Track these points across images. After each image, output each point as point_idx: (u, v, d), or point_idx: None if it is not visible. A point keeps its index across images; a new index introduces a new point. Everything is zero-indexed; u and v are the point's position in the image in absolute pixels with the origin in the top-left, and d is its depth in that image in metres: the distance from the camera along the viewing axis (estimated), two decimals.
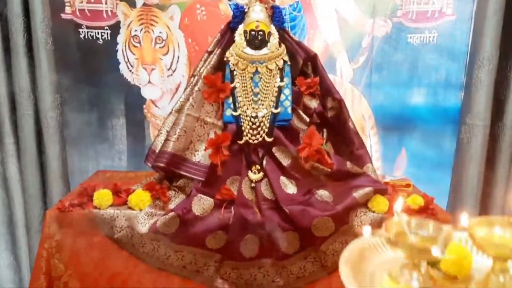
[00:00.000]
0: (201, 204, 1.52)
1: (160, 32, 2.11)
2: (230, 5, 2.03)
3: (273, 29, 1.58)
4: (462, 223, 0.71)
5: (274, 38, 1.57)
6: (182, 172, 1.58)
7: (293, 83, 1.60)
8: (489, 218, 0.72)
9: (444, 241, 0.67)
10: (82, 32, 2.09)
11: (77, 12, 2.08)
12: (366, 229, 0.77)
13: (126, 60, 2.15)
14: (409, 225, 0.73)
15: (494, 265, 0.67)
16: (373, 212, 1.54)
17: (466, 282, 0.70)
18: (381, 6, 2.07)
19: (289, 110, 1.58)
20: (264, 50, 1.57)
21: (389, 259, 0.75)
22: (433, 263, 0.72)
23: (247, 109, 1.57)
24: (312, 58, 1.64)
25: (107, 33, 2.11)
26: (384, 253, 0.78)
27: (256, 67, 1.56)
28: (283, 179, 1.57)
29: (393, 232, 0.71)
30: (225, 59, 1.59)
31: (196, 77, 1.61)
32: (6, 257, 2.18)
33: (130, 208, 1.55)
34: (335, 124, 1.66)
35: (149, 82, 2.17)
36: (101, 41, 2.12)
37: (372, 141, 2.24)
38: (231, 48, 1.59)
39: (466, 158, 1.95)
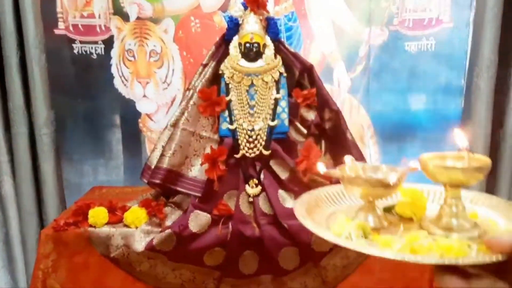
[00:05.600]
0: (198, 220, 1.49)
1: (154, 46, 2.09)
2: (224, 17, 2.02)
3: (268, 40, 1.55)
4: (411, 164, 0.71)
5: (269, 50, 1.54)
6: (178, 188, 1.54)
7: (290, 95, 1.57)
8: (441, 153, 0.71)
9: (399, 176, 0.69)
10: (76, 47, 2.08)
11: (71, 27, 2.06)
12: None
13: (121, 74, 2.13)
14: (364, 170, 0.75)
15: (447, 193, 0.66)
16: None
17: (421, 221, 0.70)
18: (377, 15, 2.05)
19: (286, 122, 1.55)
20: (260, 62, 1.54)
21: (344, 208, 0.76)
22: (389, 209, 0.72)
23: (243, 122, 1.53)
24: (308, 69, 1.60)
25: (101, 47, 2.09)
26: (340, 203, 0.78)
27: (252, 80, 1.53)
28: (281, 193, 1.53)
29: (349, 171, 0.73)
30: (220, 72, 1.57)
31: (191, 91, 1.58)
32: (3, 275, 2.15)
33: (126, 225, 1.52)
34: (333, 135, 1.63)
35: (144, 96, 2.16)
36: (95, 56, 2.10)
37: (371, 151, 2.21)
38: (226, 61, 1.56)
39: None
